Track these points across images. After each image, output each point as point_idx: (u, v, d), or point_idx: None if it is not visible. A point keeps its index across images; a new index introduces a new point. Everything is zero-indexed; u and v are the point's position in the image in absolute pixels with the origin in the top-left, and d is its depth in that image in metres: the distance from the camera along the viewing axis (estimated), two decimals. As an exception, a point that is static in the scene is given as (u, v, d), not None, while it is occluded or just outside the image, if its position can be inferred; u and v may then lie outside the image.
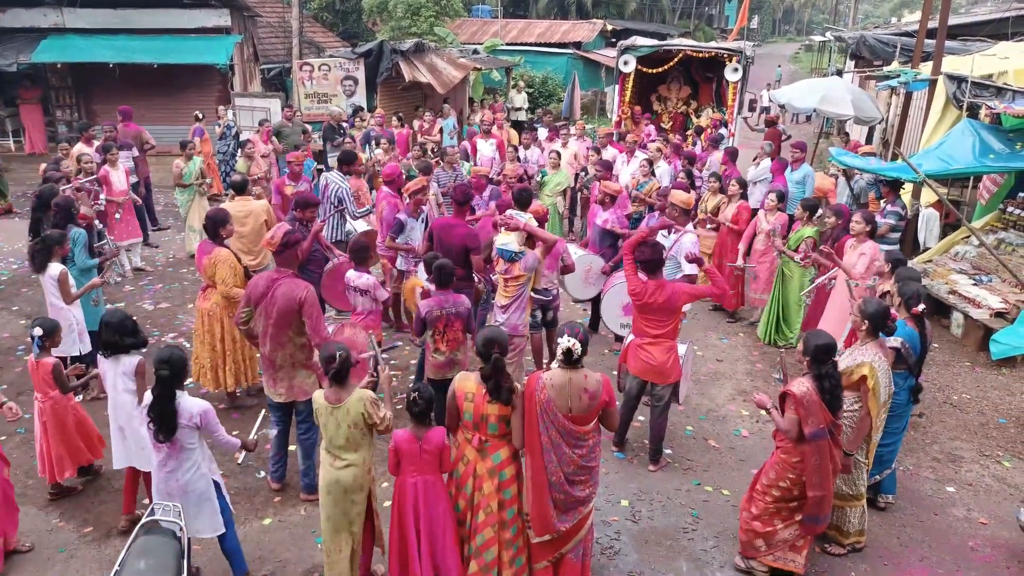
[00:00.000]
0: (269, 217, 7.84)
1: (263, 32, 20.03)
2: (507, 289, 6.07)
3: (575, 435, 4.14)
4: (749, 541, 4.78)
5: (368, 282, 6.25)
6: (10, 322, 8.50)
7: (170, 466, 4.25)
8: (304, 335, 5.09)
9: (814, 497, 4.47)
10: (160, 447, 4.22)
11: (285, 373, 5.19)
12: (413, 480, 4.13)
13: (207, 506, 4.36)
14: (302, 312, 4.98)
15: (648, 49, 15.06)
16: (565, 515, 4.23)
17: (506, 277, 6.06)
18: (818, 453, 4.40)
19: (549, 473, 4.14)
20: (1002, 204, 9.99)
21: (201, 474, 4.32)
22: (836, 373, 4.42)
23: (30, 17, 16.46)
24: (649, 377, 5.72)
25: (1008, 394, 7.37)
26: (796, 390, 4.40)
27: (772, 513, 4.65)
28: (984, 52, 12.74)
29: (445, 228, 6.87)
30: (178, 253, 11.07)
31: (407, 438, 4.12)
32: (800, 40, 71.87)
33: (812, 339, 4.48)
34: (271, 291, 5.04)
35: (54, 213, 6.89)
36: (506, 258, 5.99)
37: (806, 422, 4.38)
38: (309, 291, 5.04)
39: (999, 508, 5.62)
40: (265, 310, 5.07)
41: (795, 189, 9.89)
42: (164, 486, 4.29)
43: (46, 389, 5.19)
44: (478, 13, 33.77)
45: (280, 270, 5.17)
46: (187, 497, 4.28)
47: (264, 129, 12.28)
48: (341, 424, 4.15)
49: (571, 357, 4.08)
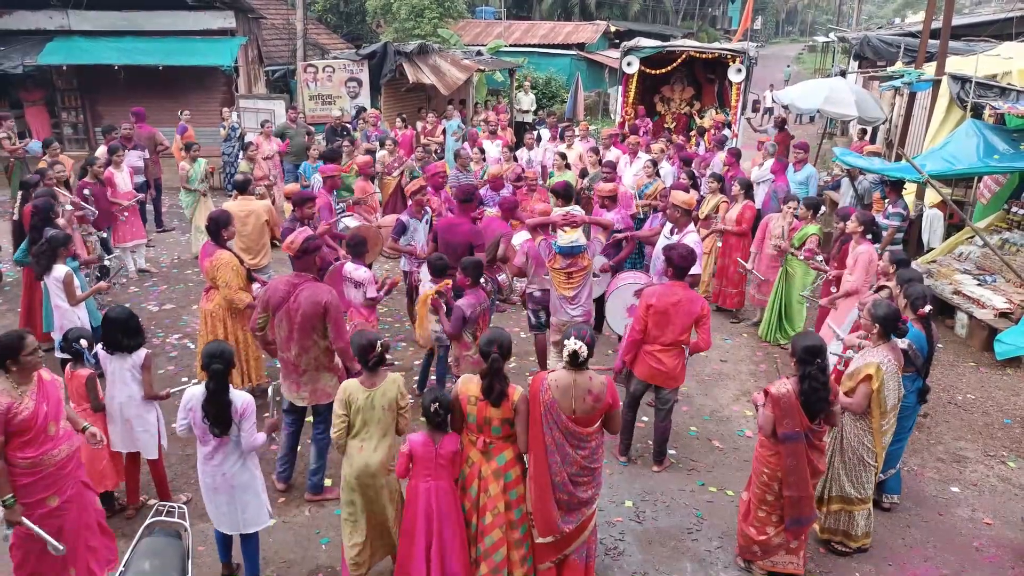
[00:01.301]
0: (270, 217, 7.87)
1: (267, 34, 20.07)
2: (572, 280, 6.28)
3: (578, 436, 4.16)
4: (747, 546, 4.80)
5: (365, 276, 6.30)
6: (15, 323, 8.49)
7: (217, 459, 4.27)
8: (327, 338, 5.10)
9: (789, 498, 4.48)
10: (208, 441, 4.24)
11: (309, 377, 5.19)
12: (427, 485, 4.14)
13: (253, 499, 4.40)
14: (327, 317, 5.00)
15: (651, 50, 15.05)
16: (569, 516, 4.24)
17: (572, 271, 6.28)
18: (793, 455, 4.40)
19: (553, 473, 4.16)
20: (1006, 204, 9.97)
21: (246, 466, 4.36)
22: (821, 376, 4.31)
23: (35, 19, 16.52)
24: (657, 381, 5.71)
25: (1013, 394, 7.35)
26: (774, 390, 4.40)
27: (763, 520, 4.66)
28: (988, 52, 12.71)
29: (449, 227, 6.88)
30: (183, 254, 11.09)
31: (424, 442, 4.15)
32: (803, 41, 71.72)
33: (799, 340, 4.44)
34: (293, 296, 5.03)
35: (32, 214, 6.91)
36: (576, 253, 6.22)
37: (780, 422, 4.37)
38: (332, 295, 5.07)
39: (1004, 508, 5.61)
40: (288, 315, 5.06)
41: (798, 189, 9.89)
42: (211, 480, 4.31)
43: (81, 401, 5.00)
44: (482, 15, 33.79)
45: (300, 275, 5.19)
46: (233, 490, 4.31)
47: (265, 130, 12.31)
48: (376, 406, 4.24)
49: (577, 359, 4.11)
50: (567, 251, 6.19)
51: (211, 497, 4.35)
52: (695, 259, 5.69)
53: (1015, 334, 7.85)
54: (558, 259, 6.29)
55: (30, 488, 3.99)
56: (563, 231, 6.20)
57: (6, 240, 10.56)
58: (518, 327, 8.56)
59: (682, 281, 5.58)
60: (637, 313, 5.58)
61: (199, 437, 4.28)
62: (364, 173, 9.31)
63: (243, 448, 4.26)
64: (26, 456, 3.94)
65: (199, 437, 4.28)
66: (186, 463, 5.89)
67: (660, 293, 5.52)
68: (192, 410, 4.22)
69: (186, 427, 4.30)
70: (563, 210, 6.71)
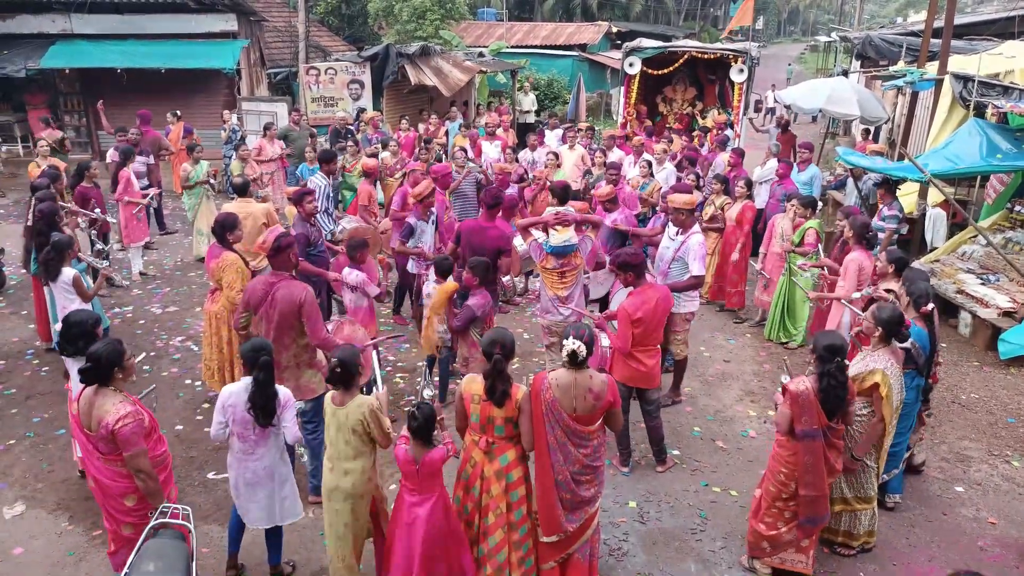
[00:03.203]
0: (268, 219, 7.92)
1: (269, 36, 20.12)
2: (565, 280, 6.24)
3: (580, 435, 4.18)
4: (756, 543, 4.79)
5: (358, 279, 6.38)
6: (19, 326, 8.54)
7: (258, 453, 4.30)
8: (306, 336, 5.13)
9: (805, 496, 4.47)
10: (247, 437, 4.27)
11: (291, 373, 5.22)
12: (412, 499, 4.05)
13: (291, 491, 4.48)
14: (301, 313, 5.03)
15: (653, 51, 15.06)
16: (572, 514, 4.26)
17: (564, 270, 6.23)
18: (810, 453, 4.39)
19: (555, 472, 4.18)
20: (1009, 203, 9.95)
21: (284, 459, 4.43)
22: (840, 375, 4.34)
23: (38, 23, 16.58)
24: (637, 383, 5.67)
25: (1017, 393, 7.33)
26: (793, 387, 4.40)
27: (775, 515, 4.65)
28: (990, 51, 12.68)
29: (476, 230, 6.89)
30: (186, 257, 11.11)
31: (405, 459, 4.03)
32: (805, 40, 71.69)
33: (821, 339, 4.46)
34: (270, 294, 5.09)
35: (37, 219, 6.93)
36: (569, 252, 6.17)
37: (798, 420, 4.38)
38: (308, 292, 5.10)
39: (1009, 508, 5.60)
40: (266, 314, 5.11)
41: (803, 190, 9.85)
42: (251, 476, 4.33)
43: None
44: (483, 16, 33.83)
45: (277, 273, 5.23)
46: (274, 483, 4.37)
47: (269, 133, 12.34)
48: (342, 428, 4.17)
49: (576, 359, 4.11)
50: (559, 251, 6.14)
51: (249, 493, 4.37)
52: (642, 257, 5.71)
53: (1019, 333, 7.83)
54: (550, 259, 6.24)
55: (164, 485, 4.13)
56: (555, 230, 6.15)
57: (9, 243, 10.60)
58: (521, 328, 8.56)
59: (647, 282, 5.63)
60: (621, 327, 5.50)
61: (238, 434, 4.29)
62: (371, 176, 9.33)
63: (288, 439, 4.35)
64: (156, 454, 4.06)
65: (238, 434, 4.29)
66: (190, 465, 5.90)
67: (638, 304, 5.43)
68: (233, 407, 4.24)
69: (222, 428, 4.30)
70: (554, 210, 6.64)
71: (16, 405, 6.80)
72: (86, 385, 3.97)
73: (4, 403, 6.83)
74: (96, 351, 3.94)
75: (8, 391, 7.04)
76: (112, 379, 3.97)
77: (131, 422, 3.86)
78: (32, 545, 5.00)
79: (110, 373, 3.95)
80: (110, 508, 4.09)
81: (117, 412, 3.86)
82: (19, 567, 4.81)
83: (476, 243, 6.76)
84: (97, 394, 3.93)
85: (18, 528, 5.18)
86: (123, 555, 4.03)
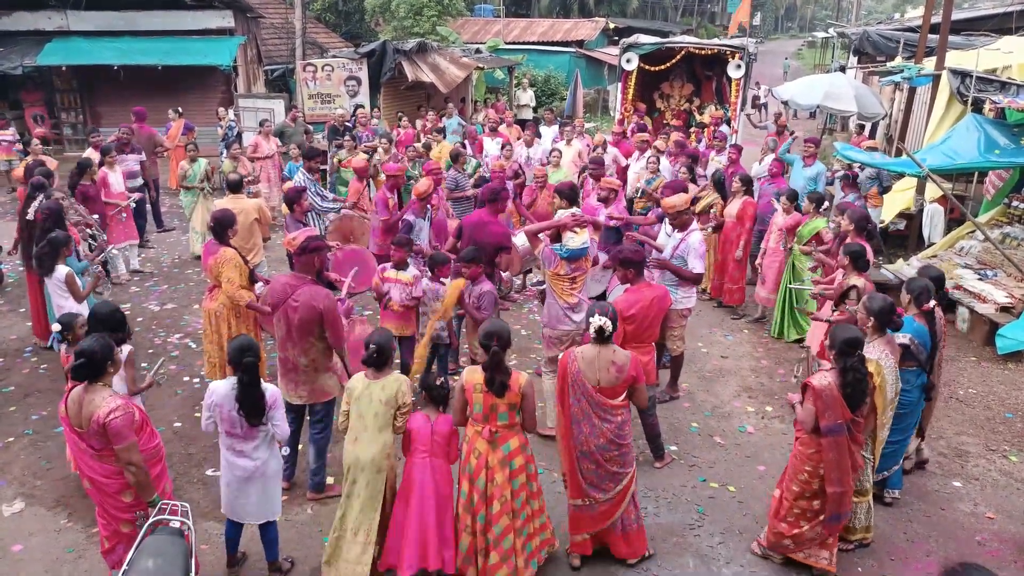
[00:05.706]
0: (261, 216, 7.94)
1: (266, 33, 20.08)
2: (575, 286, 6.01)
3: (604, 407, 4.43)
4: (777, 541, 4.78)
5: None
6: (17, 323, 8.53)
7: (249, 450, 4.33)
8: (326, 340, 5.10)
9: (833, 493, 4.45)
10: (236, 434, 4.29)
11: (307, 376, 5.18)
12: (422, 460, 4.32)
13: (276, 488, 4.52)
14: (323, 321, 5.00)
15: (651, 47, 15.06)
16: (595, 487, 4.53)
17: (576, 275, 5.98)
18: (836, 448, 4.38)
19: (580, 443, 4.46)
20: (1007, 198, 9.97)
21: (274, 454, 4.46)
22: (862, 368, 4.35)
23: (34, 20, 16.54)
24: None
25: (1014, 388, 7.35)
26: (816, 382, 4.38)
27: (797, 515, 4.64)
28: (988, 47, 12.69)
29: (478, 226, 6.89)
30: (183, 254, 11.09)
31: (421, 418, 4.34)
32: (803, 36, 71.68)
33: (839, 332, 4.44)
34: (291, 297, 5.02)
35: (43, 218, 6.92)
36: (582, 255, 5.96)
37: (823, 415, 4.37)
38: (330, 299, 5.06)
39: (1006, 502, 5.61)
40: (285, 316, 5.06)
41: (809, 185, 9.80)
42: (243, 472, 4.35)
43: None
44: (480, 12, 33.77)
45: (298, 275, 5.19)
46: (264, 479, 4.40)
47: (264, 129, 12.31)
48: (374, 399, 4.28)
49: (603, 334, 4.38)
50: (575, 254, 5.88)
51: (242, 489, 4.38)
52: (644, 254, 5.71)
53: (1016, 328, 7.85)
54: (563, 265, 5.95)
55: (158, 479, 4.13)
56: (573, 232, 5.87)
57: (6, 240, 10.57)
58: (519, 324, 8.56)
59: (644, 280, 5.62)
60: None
61: (227, 432, 4.30)
62: (360, 175, 9.27)
63: (278, 437, 4.40)
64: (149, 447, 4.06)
65: (227, 432, 4.30)
66: (188, 461, 5.90)
67: (632, 301, 5.40)
68: (219, 406, 4.25)
69: (212, 423, 4.33)
70: (568, 211, 6.41)
71: (15, 403, 6.79)
72: (77, 382, 3.94)
73: (3, 400, 6.82)
74: (88, 347, 3.90)
75: (7, 388, 7.03)
76: (104, 374, 3.96)
77: (121, 414, 3.83)
78: (31, 542, 5.00)
79: (103, 368, 3.94)
80: (108, 506, 4.08)
81: (107, 405, 3.84)
82: (18, 564, 4.81)
83: (478, 238, 6.75)
84: (87, 391, 3.92)
85: (17, 525, 5.17)
86: (121, 553, 4.03)
